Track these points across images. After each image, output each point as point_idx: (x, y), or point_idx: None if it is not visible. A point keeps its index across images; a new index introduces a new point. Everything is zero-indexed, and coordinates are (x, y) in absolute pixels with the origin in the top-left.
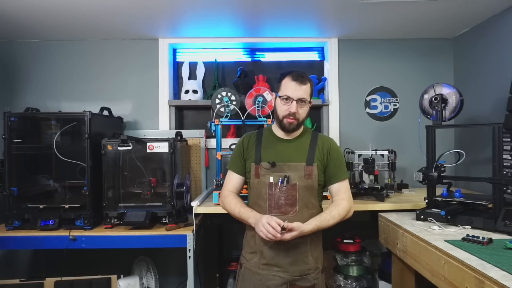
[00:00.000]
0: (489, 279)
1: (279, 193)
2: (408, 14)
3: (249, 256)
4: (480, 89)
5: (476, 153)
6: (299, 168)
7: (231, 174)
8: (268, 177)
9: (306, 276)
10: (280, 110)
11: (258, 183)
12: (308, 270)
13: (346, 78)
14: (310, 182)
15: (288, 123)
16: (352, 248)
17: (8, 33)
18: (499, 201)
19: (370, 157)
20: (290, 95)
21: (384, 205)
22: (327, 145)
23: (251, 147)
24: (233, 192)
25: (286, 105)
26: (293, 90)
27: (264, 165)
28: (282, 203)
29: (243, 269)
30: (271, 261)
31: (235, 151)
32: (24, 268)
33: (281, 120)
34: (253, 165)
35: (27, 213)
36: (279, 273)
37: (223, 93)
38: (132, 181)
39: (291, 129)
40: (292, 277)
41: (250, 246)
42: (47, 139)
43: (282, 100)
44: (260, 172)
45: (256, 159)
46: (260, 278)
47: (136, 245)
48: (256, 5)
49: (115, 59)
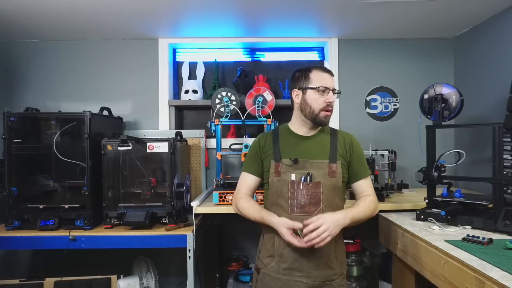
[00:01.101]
0: (489, 279)
1: (302, 192)
2: (408, 14)
3: (267, 260)
4: (480, 89)
5: (476, 153)
6: (322, 165)
7: (246, 175)
8: (289, 174)
9: (330, 282)
10: (316, 103)
11: (278, 181)
12: (333, 276)
13: (346, 78)
14: (334, 180)
15: (325, 116)
16: (352, 248)
17: (8, 33)
18: (499, 201)
19: (370, 157)
20: (327, 85)
21: (384, 205)
22: (348, 141)
23: (268, 145)
24: (248, 194)
25: (323, 97)
26: (329, 80)
27: (285, 161)
28: (306, 202)
29: (261, 274)
30: (292, 265)
31: (250, 152)
32: (24, 268)
33: (317, 114)
34: (273, 163)
35: (27, 213)
36: (301, 278)
37: (223, 93)
38: (132, 181)
39: (327, 122)
40: (315, 282)
41: (267, 250)
42: (47, 139)
43: (319, 91)
44: (281, 169)
45: (276, 156)
46: (281, 284)
47: (136, 245)
48: (256, 5)
49: (115, 59)
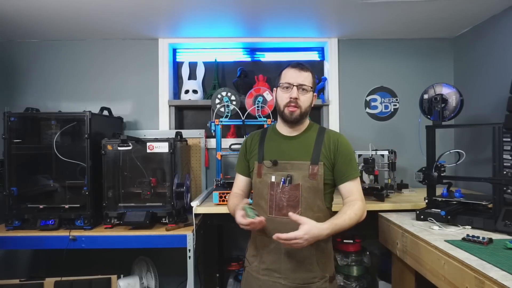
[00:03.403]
0: (489, 279)
1: (281, 194)
2: (408, 14)
3: (251, 259)
4: (480, 89)
5: (476, 153)
6: (303, 167)
7: (237, 175)
8: (270, 176)
9: (310, 284)
10: (280, 99)
11: (259, 182)
12: (313, 279)
13: (346, 78)
14: (315, 183)
15: (290, 112)
16: (352, 248)
17: (8, 33)
18: (499, 201)
19: (370, 157)
20: (289, 81)
21: (384, 205)
22: (334, 141)
23: (254, 146)
24: (237, 193)
25: (287, 92)
26: (293, 76)
27: (266, 163)
28: (284, 205)
29: (245, 272)
30: (271, 266)
31: (240, 152)
32: (24, 268)
33: (283, 111)
34: (256, 164)
35: (27, 213)
36: (279, 279)
37: (223, 93)
38: (132, 181)
39: (293, 119)
40: (294, 284)
41: (252, 249)
42: (47, 139)
43: (283, 88)
44: (262, 171)
45: (259, 157)
46: (260, 284)
47: (136, 245)
48: (256, 5)
49: (115, 59)
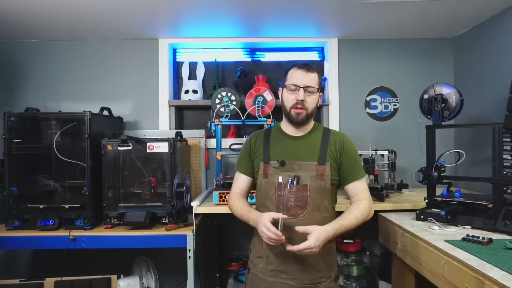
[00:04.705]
0: (489, 279)
1: (289, 194)
2: (408, 14)
3: (256, 260)
4: (480, 89)
5: (476, 153)
6: (310, 167)
7: (238, 175)
8: (277, 176)
9: (317, 284)
10: (287, 101)
11: (266, 183)
12: (320, 279)
13: (346, 78)
14: (323, 183)
15: (296, 113)
16: (352, 248)
17: (8, 33)
18: (499, 201)
19: (370, 157)
20: (296, 83)
21: (384, 205)
22: (340, 141)
23: (258, 145)
24: (239, 193)
25: (293, 94)
26: (300, 77)
27: (273, 164)
28: (292, 205)
29: (250, 274)
30: (279, 267)
31: (242, 151)
32: (24, 268)
33: (289, 112)
34: (262, 164)
35: (27, 213)
36: (287, 280)
37: (223, 93)
38: (132, 181)
39: (299, 120)
40: (301, 285)
41: (257, 250)
42: (47, 139)
43: (289, 90)
44: (269, 171)
45: (265, 157)
46: (267, 285)
47: (136, 245)
48: (256, 5)
49: (115, 59)
